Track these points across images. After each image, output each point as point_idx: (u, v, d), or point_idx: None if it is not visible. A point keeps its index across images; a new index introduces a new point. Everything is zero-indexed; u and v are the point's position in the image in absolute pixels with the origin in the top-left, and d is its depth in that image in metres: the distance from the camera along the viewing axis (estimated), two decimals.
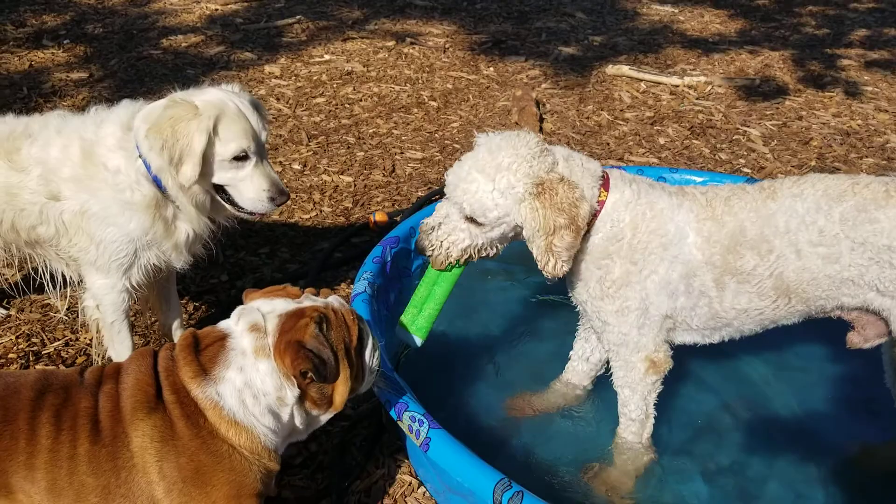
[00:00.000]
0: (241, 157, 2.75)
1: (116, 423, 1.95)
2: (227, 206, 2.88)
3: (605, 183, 2.57)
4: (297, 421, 2.12)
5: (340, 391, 2.12)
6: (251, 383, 2.00)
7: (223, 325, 2.13)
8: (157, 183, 2.74)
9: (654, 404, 2.73)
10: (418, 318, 2.71)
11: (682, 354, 2.78)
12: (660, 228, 2.52)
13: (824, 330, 2.87)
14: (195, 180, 2.69)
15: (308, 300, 2.16)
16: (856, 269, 2.46)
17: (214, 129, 2.68)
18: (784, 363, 3.30)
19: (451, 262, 2.61)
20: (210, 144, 2.68)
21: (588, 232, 2.55)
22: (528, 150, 2.48)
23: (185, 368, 2.00)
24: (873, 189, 2.45)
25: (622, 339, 2.64)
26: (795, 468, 2.85)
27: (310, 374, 2.00)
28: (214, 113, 2.68)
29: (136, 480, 1.93)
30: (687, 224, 2.53)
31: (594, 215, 2.54)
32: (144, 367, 2.03)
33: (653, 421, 2.75)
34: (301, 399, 2.07)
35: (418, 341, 2.73)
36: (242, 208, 2.86)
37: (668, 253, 2.52)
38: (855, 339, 2.69)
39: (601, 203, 2.55)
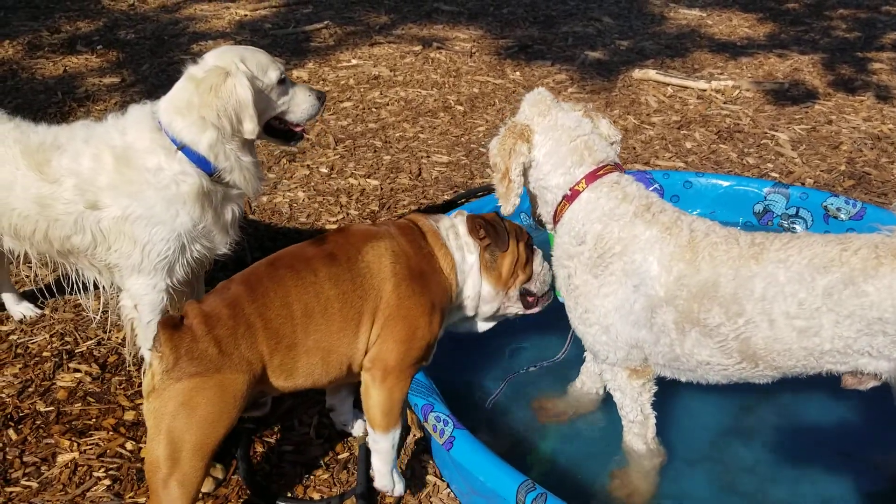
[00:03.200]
0: (282, 80, 2.99)
1: (349, 248, 2.58)
2: (276, 143, 3.19)
3: (591, 175, 2.54)
4: (472, 282, 2.77)
5: (507, 263, 2.80)
6: (454, 226, 2.81)
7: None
8: (204, 168, 2.84)
9: (651, 404, 2.67)
10: None
11: None
12: (625, 253, 2.45)
13: None
14: (258, 130, 2.89)
15: None
16: (841, 342, 2.28)
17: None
18: None
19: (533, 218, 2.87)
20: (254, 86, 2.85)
21: (560, 217, 2.59)
22: (531, 97, 2.68)
23: (413, 216, 2.82)
24: (862, 256, 2.24)
25: (592, 348, 2.61)
26: (821, 472, 2.82)
27: (483, 232, 2.75)
28: (237, 60, 2.84)
29: (369, 282, 2.54)
30: (657, 259, 2.42)
31: (565, 198, 2.57)
32: (359, 224, 2.78)
33: (654, 421, 2.69)
34: (478, 264, 2.78)
35: None
36: (295, 134, 3.14)
37: (630, 281, 2.44)
38: (850, 381, 2.47)
39: (573, 191, 2.55)
